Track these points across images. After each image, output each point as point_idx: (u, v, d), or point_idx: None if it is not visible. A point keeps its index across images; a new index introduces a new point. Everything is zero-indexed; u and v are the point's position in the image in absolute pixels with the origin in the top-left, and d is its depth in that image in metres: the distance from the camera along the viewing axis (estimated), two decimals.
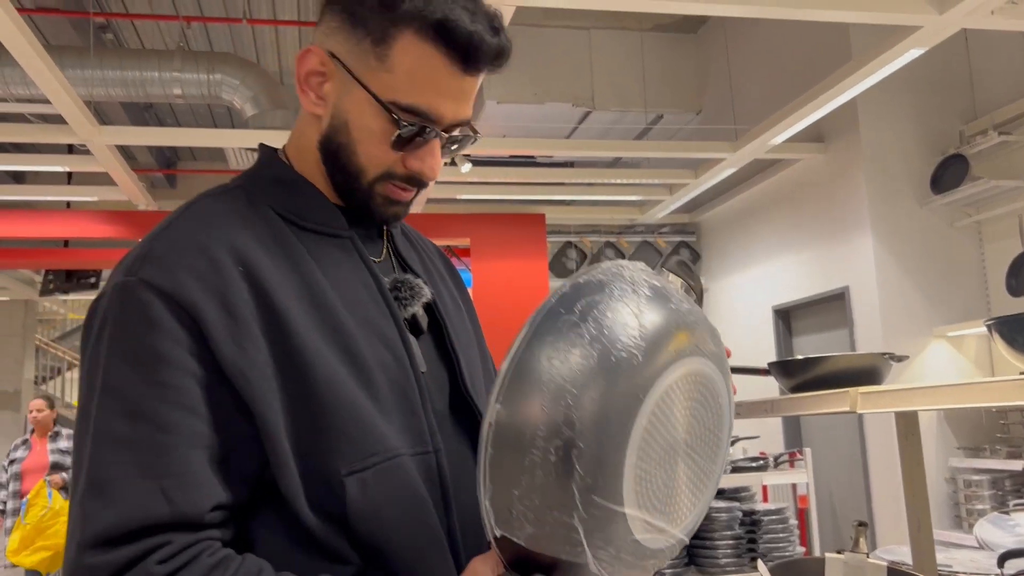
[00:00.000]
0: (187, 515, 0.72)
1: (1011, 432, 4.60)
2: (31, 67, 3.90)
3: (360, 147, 0.87)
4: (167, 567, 0.70)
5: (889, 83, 4.71)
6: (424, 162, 0.88)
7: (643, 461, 0.71)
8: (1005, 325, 1.29)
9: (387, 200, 0.90)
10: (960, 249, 5.04)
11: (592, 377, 0.68)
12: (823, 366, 1.78)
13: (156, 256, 0.79)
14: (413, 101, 0.84)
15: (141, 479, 0.71)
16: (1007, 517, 2.43)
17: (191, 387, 0.74)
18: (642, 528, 0.72)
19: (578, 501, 0.67)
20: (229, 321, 0.76)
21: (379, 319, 0.86)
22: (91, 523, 0.70)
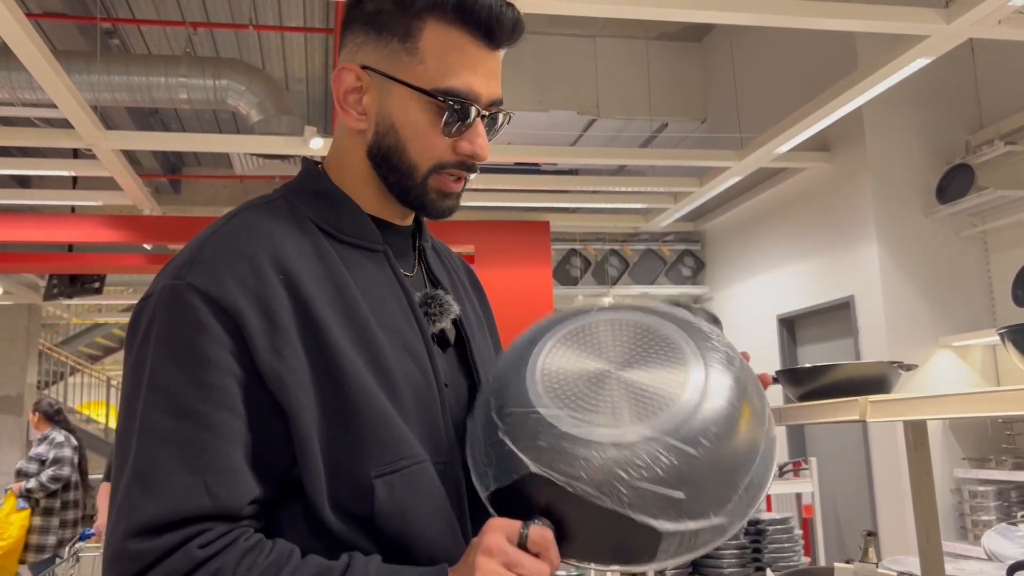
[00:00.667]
0: (227, 507, 0.76)
1: (1017, 443, 4.57)
2: (38, 72, 3.91)
3: (411, 143, 0.90)
4: (207, 551, 0.74)
5: (895, 93, 4.71)
6: (474, 143, 0.91)
7: (547, 377, 0.83)
8: (1019, 334, 1.28)
9: (441, 193, 0.93)
10: (966, 259, 5.03)
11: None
12: (831, 374, 1.78)
13: (204, 261, 0.82)
14: (451, 84, 0.88)
15: (185, 473, 0.75)
16: (1015, 528, 2.40)
17: (233, 388, 0.78)
18: (570, 422, 0.78)
19: (496, 420, 0.81)
20: (269, 328, 0.80)
21: (408, 332, 0.89)
22: (136, 513, 0.74)
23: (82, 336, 14.26)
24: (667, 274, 7.51)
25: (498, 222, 6.67)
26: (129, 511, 0.74)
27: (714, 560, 3.41)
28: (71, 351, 13.97)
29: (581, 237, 7.53)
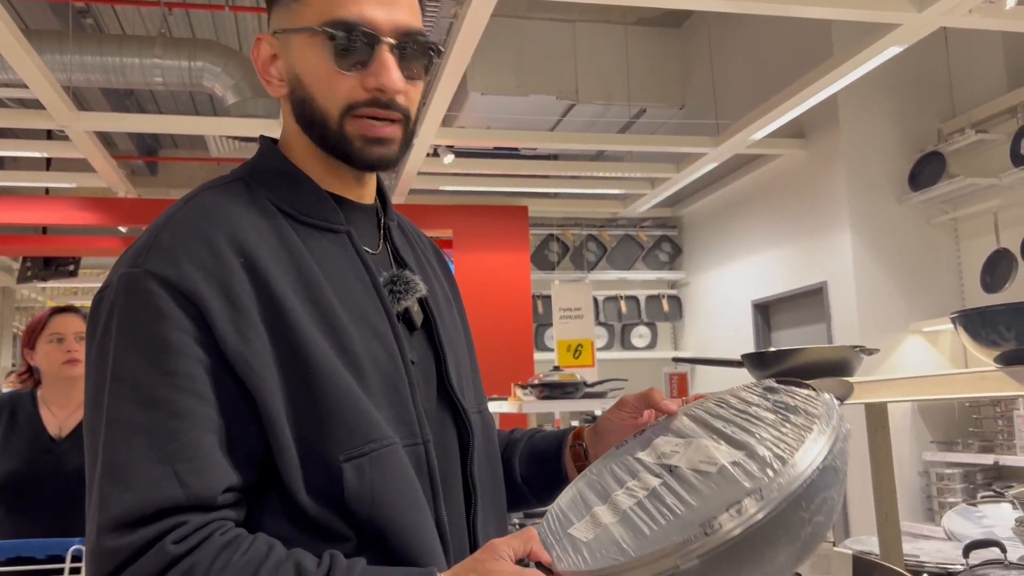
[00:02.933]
0: (201, 497, 0.74)
1: (983, 427, 4.66)
2: (8, 51, 3.86)
3: (315, 89, 0.89)
4: (182, 546, 0.72)
5: (869, 81, 4.76)
6: (379, 76, 0.87)
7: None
8: (969, 319, 1.31)
9: (364, 140, 0.89)
10: (937, 246, 5.10)
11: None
12: (795, 358, 1.81)
13: (160, 246, 0.81)
14: (336, 15, 0.86)
15: (156, 464, 0.74)
16: (975, 509, 2.46)
17: (199, 374, 0.77)
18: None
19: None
20: (231, 311, 0.79)
21: (372, 313, 0.88)
22: (109, 507, 0.73)
23: None
24: (644, 259, 7.56)
25: (476, 207, 6.68)
26: (102, 506, 0.74)
27: None
28: None
29: (559, 222, 7.55)
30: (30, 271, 7.41)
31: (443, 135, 5.34)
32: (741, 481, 0.72)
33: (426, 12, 4.84)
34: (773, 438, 0.78)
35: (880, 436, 1.90)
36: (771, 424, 0.81)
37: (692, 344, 7.32)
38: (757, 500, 0.69)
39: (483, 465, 0.96)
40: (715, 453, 0.80)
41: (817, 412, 0.79)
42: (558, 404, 3.31)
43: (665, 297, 7.50)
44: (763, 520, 0.69)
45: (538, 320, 7.12)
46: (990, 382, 1.27)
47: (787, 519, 0.70)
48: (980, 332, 1.30)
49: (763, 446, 0.76)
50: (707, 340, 7.01)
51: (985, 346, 1.31)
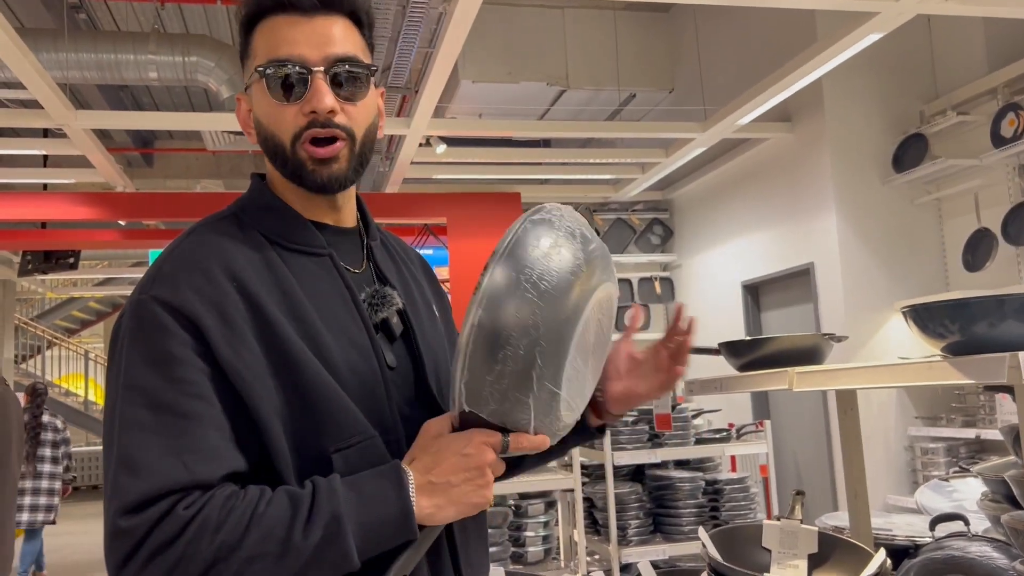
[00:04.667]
0: (204, 479, 0.86)
1: (966, 402, 4.79)
2: (4, 51, 3.92)
3: (269, 125, 1.03)
4: (191, 510, 0.84)
5: (853, 64, 4.84)
6: (311, 101, 0.99)
7: (574, 358, 0.92)
8: (917, 313, 1.41)
9: (314, 161, 1.00)
10: (920, 226, 5.21)
11: (553, 295, 0.88)
12: (768, 346, 1.91)
13: (163, 276, 0.94)
14: (271, 55, 1.00)
15: (164, 455, 0.86)
16: (946, 484, 2.57)
17: (201, 380, 0.90)
18: (564, 407, 0.94)
19: (535, 385, 0.88)
20: (225, 329, 0.91)
21: (352, 327, 1.01)
22: (124, 494, 0.84)
23: (58, 310, 14.21)
24: (637, 242, 7.65)
25: (469, 194, 6.76)
26: (117, 494, 0.84)
27: (674, 518, 3.60)
28: (47, 325, 13.93)
29: None
30: (30, 264, 7.50)
31: (435, 126, 5.42)
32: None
33: (413, 6, 4.86)
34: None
35: (850, 418, 2.01)
36: None
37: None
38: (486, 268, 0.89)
39: None
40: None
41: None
42: None
43: (657, 279, 7.61)
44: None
45: None
46: (937, 371, 1.37)
47: (510, 285, 0.88)
48: (927, 325, 1.41)
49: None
50: (699, 321, 7.11)
51: (932, 338, 1.42)
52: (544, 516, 3.60)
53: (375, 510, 0.88)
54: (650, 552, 3.51)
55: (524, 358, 0.87)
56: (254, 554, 0.83)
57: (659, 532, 3.67)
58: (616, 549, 3.51)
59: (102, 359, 14.39)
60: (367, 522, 0.87)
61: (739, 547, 1.72)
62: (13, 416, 3.26)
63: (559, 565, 3.66)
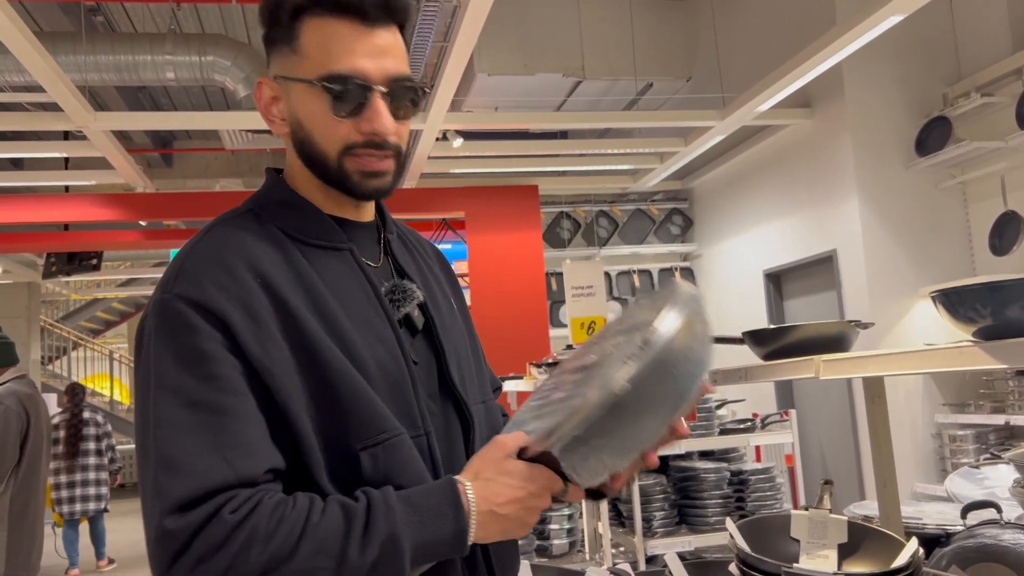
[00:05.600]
0: (247, 476, 0.84)
1: (995, 388, 4.72)
2: (24, 55, 3.96)
3: (315, 132, 0.99)
4: (238, 514, 0.82)
5: (874, 47, 4.77)
6: (372, 122, 0.97)
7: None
8: (947, 297, 1.38)
9: (362, 174, 0.99)
10: (945, 210, 5.13)
11: (689, 392, 0.89)
12: (793, 334, 1.89)
13: (186, 273, 0.92)
14: (332, 69, 0.96)
15: (205, 453, 0.83)
16: (976, 471, 2.54)
17: (235, 376, 0.88)
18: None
19: (627, 459, 0.90)
20: (252, 325, 0.90)
21: (375, 320, 0.99)
22: (167, 495, 0.82)
23: (83, 311, 14.37)
24: (656, 233, 7.60)
25: (487, 187, 6.75)
26: (160, 495, 0.82)
27: (699, 509, 3.57)
28: (72, 326, 14.09)
29: (570, 199, 7.61)
30: (54, 266, 7.58)
31: (451, 120, 5.41)
32: (622, 350, 0.89)
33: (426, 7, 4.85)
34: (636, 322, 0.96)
35: (877, 406, 1.98)
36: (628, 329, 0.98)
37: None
38: (642, 349, 0.86)
39: None
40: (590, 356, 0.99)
41: (664, 297, 0.94)
42: None
43: (678, 269, 7.56)
44: (649, 366, 0.85)
45: (552, 297, 7.21)
46: (968, 357, 1.34)
47: (662, 373, 0.86)
48: (958, 310, 1.38)
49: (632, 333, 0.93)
50: (721, 311, 7.07)
51: (963, 323, 1.39)
52: (568, 508, 3.59)
53: (432, 530, 0.87)
54: (676, 544, 3.48)
55: (642, 441, 0.88)
56: (307, 568, 0.82)
57: (684, 523, 3.64)
58: (641, 541, 3.49)
59: (127, 359, 14.53)
60: (423, 542, 0.86)
61: (767, 538, 1.69)
62: (44, 419, 3.31)
63: (584, 557, 3.65)
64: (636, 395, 0.85)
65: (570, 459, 0.88)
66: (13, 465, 3.13)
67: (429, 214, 6.79)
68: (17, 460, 3.15)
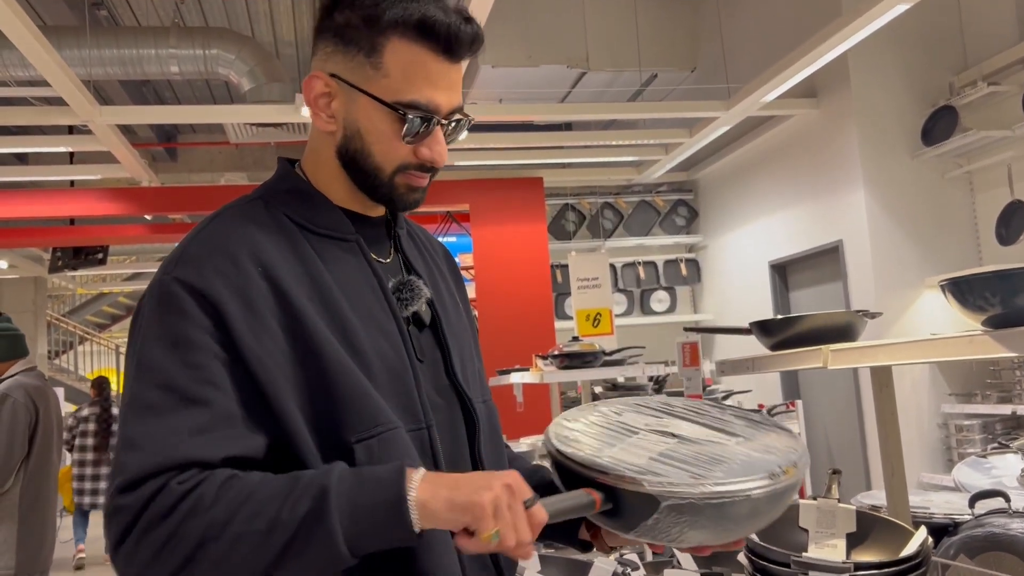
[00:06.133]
0: (203, 458, 0.84)
1: (1001, 377, 4.71)
2: (28, 50, 3.96)
3: (375, 148, 1.00)
4: (186, 485, 0.82)
5: (880, 37, 4.74)
6: (432, 149, 1.00)
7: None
8: (957, 285, 1.38)
9: (408, 188, 1.02)
10: (951, 200, 5.11)
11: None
12: (801, 324, 1.88)
13: (188, 257, 0.93)
14: (413, 97, 0.97)
15: (167, 435, 0.84)
16: (984, 460, 2.53)
17: (215, 367, 0.88)
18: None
19: (701, 540, 0.93)
20: (248, 315, 0.90)
21: (380, 314, 1.00)
22: (123, 471, 0.83)
23: (89, 305, 14.41)
24: (661, 224, 7.59)
25: (492, 180, 6.74)
26: (119, 471, 0.84)
27: None
28: (78, 321, 14.14)
29: (575, 191, 7.60)
30: (60, 261, 7.60)
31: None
32: (761, 463, 0.94)
33: None
34: (762, 434, 1.03)
35: (885, 395, 1.98)
36: (747, 427, 1.06)
37: (711, 307, 7.38)
38: (795, 468, 0.93)
39: (489, 448, 1.09)
40: (714, 435, 1.03)
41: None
42: (578, 373, 3.41)
43: (683, 261, 7.55)
44: (792, 486, 0.92)
45: (557, 289, 7.20)
46: (978, 345, 1.34)
47: (781, 502, 0.94)
48: (967, 298, 1.37)
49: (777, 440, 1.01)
50: (726, 302, 7.06)
51: (973, 311, 1.38)
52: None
53: (367, 491, 0.83)
54: None
55: (726, 537, 0.95)
56: (242, 531, 0.81)
57: None
58: None
59: None
60: (357, 503, 0.82)
61: (775, 527, 1.69)
62: (53, 412, 3.32)
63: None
64: (755, 507, 0.90)
65: (666, 518, 0.89)
66: (22, 458, 3.13)
67: (434, 207, 6.78)
68: (26, 453, 3.15)
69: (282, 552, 0.81)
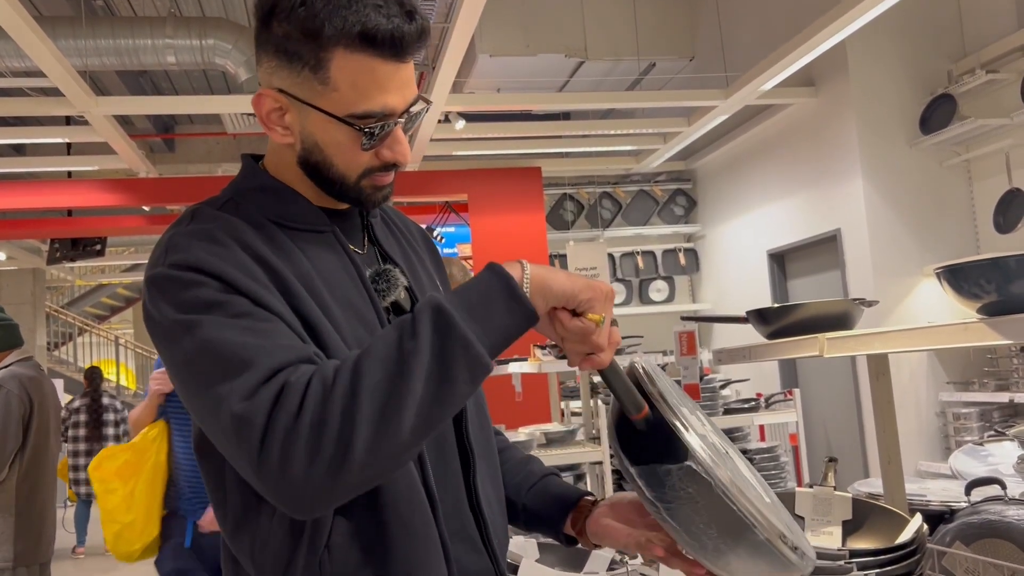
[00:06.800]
0: (304, 355, 0.85)
1: (999, 366, 4.72)
2: (24, 40, 3.95)
3: (336, 159, 0.98)
4: (303, 376, 0.82)
5: (878, 25, 4.73)
6: (394, 150, 0.98)
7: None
8: (952, 273, 1.38)
9: (375, 188, 1.01)
10: (949, 188, 5.11)
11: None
12: (797, 313, 1.88)
13: (175, 246, 0.91)
14: (366, 108, 0.93)
15: (258, 350, 0.83)
16: (980, 448, 2.54)
17: (250, 308, 0.87)
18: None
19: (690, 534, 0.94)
20: (252, 280, 0.89)
21: (360, 304, 0.99)
22: (234, 391, 0.81)
23: (87, 297, 14.39)
24: (660, 214, 7.59)
25: (490, 170, 6.73)
26: (225, 397, 0.81)
27: None
28: (77, 312, 14.13)
29: (573, 181, 7.59)
30: (58, 252, 7.59)
31: (453, 101, 5.39)
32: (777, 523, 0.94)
33: None
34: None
35: (882, 384, 1.98)
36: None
37: (710, 296, 7.39)
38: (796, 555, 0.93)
39: (476, 430, 1.08)
40: (754, 481, 1.05)
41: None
42: None
43: (681, 250, 7.55)
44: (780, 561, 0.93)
45: None
46: (973, 333, 1.34)
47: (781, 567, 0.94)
48: (963, 286, 1.37)
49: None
50: (724, 291, 7.07)
51: (968, 299, 1.38)
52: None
53: (476, 288, 0.86)
54: None
55: (712, 555, 0.95)
56: (377, 380, 0.80)
57: None
58: None
59: (132, 344, 14.57)
60: (472, 303, 0.85)
61: None
62: (50, 403, 3.30)
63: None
64: (750, 540, 0.91)
65: (677, 479, 0.91)
66: (16, 449, 3.10)
67: (432, 197, 6.77)
68: (22, 444, 3.13)
69: (428, 380, 0.81)
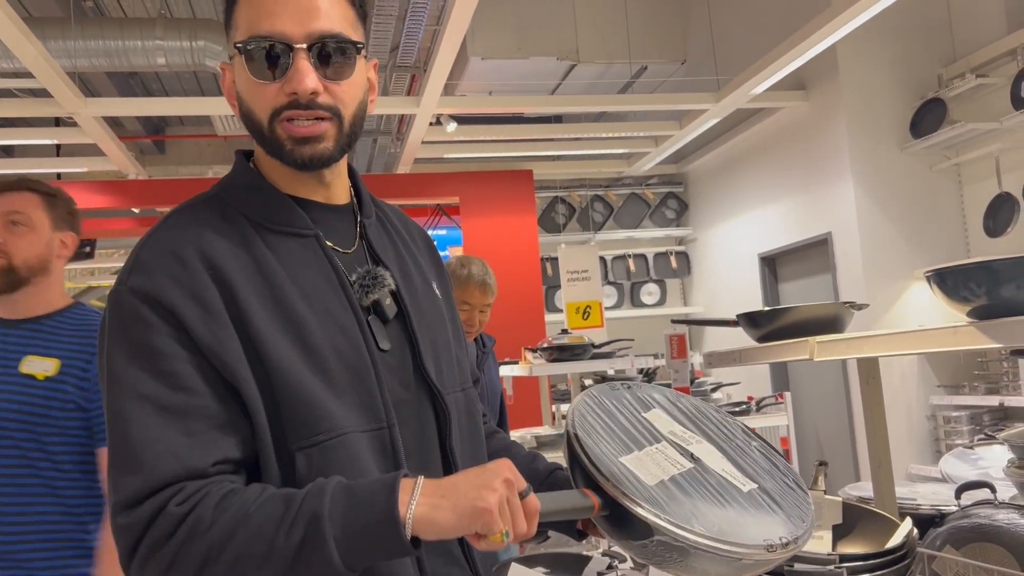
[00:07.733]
0: (196, 469, 0.85)
1: (989, 369, 4.73)
2: (12, 41, 3.92)
3: (249, 101, 0.97)
4: (184, 507, 0.83)
5: (868, 29, 4.75)
6: (292, 81, 0.94)
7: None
8: (942, 277, 1.37)
9: (292, 140, 0.96)
10: (940, 192, 5.13)
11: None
12: (788, 316, 1.88)
13: (140, 264, 0.92)
14: (253, 31, 0.94)
15: (154, 450, 0.85)
16: (971, 452, 2.54)
17: (187, 371, 0.88)
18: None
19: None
20: (205, 315, 0.89)
21: (338, 309, 0.97)
22: (119, 492, 0.85)
23: (77, 299, 14.34)
24: (651, 217, 7.60)
25: (481, 172, 6.72)
26: (114, 490, 0.85)
27: None
28: None
29: (565, 184, 7.59)
30: None
31: (445, 104, 5.37)
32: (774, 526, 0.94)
33: None
34: (779, 487, 1.02)
35: (871, 387, 1.98)
36: (768, 472, 1.04)
37: (701, 299, 7.39)
38: (794, 545, 0.92)
39: (464, 440, 1.06)
40: (732, 471, 1.02)
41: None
42: (568, 366, 3.40)
43: (673, 254, 7.56)
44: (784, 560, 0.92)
45: (547, 282, 7.20)
46: (962, 336, 1.33)
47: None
48: (953, 289, 1.37)
49: (781, 500, 0.99)
50: (716, 295, 7.07)
51: (958, 303, 1.38)
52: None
53: (361, 513, 0.82)
54: None
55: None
56: (241, 554, 0.81)
57: None
58: None
59: None
60: (352, 526, 0.81)
61: None
62: None
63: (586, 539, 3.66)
64: (740, 569, 0.90)
65: (655, 548, 0.89)
66: None
67: (423, 199, 6.76)
68: None
69: (284, 574, 0.82)
